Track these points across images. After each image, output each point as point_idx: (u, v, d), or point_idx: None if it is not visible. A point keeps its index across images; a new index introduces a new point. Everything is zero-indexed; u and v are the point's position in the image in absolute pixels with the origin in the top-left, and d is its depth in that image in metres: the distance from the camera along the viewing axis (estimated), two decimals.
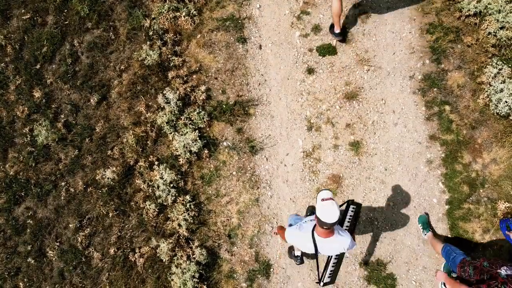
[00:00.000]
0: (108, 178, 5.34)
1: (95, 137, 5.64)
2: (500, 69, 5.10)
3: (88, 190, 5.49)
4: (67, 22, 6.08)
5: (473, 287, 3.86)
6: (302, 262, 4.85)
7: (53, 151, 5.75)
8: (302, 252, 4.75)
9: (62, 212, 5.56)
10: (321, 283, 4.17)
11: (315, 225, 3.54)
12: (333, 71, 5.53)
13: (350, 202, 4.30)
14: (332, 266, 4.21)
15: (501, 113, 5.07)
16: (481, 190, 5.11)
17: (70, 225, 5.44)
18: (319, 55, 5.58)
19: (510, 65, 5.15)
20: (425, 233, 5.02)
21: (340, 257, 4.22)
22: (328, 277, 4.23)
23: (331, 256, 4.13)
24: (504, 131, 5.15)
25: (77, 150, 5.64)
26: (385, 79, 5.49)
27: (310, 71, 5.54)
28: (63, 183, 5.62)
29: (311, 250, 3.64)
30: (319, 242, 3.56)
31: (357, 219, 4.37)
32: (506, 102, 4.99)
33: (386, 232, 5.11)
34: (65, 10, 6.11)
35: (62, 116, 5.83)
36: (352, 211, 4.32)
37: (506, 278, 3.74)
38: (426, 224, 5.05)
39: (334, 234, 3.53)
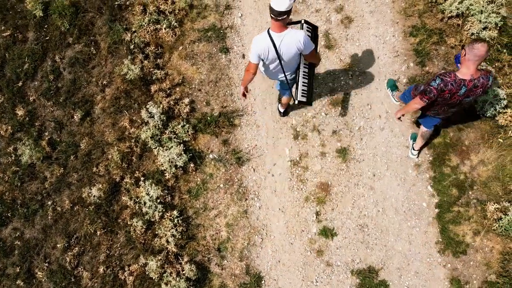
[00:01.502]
0: (94, 196, 5.27)
1: (80, 154, 5.57)
2: None
3: (75, 208, 5.42)
4: (48, 37, 6.00)
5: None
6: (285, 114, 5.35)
7: (38, 170, 5.67)
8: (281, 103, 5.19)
9: (49, 232, 5.49)
10: (296, 101, 4.28)
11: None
12: (317, 78, 5.48)
13: (304, 21, 4.24)
14: (303, 83, 4.28)
15: (487, 114, 5.05)
16: (470, 192, 5.08)
17: (58, 245, 5.36)
18: None
19: (493, 66, 5.12)
20: (394, 94, 5.26)
21: (310, 74, 4.31)
22: (302, 95, 4.30)
23: (299, 73, 4.24)
24: (491, 132, 5.13)
25: (62, 168, 5.57)
26: (370, 83, 5.45)
27: None
28: (49, 202, 5.54)
29: (272, 52, 3.85)
30: (275, 38, 3.79)
31: (316, 40, 4.33)
32: (491, 103, 4.96)
33: (377, 239, 5.08)
34: (45, 26, 6.03)
35: (46, 133, 5.75)
36: (308, 30, 4.27)
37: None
38: (394, 86, 5.23)
39: (287, 28, 3.79)
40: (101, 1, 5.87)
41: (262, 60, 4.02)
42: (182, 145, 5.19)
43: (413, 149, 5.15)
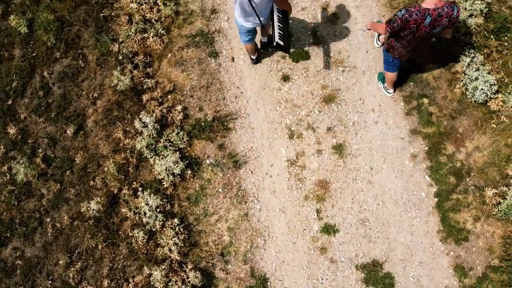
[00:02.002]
0: (93, 210, 5.24)
1: (76, 168, 5.53)
2: (472, 57, 5.11)
3: (75, 223, 5.39)
4: (34, 54, 5.95)
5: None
6: (257, 61, 5.49)
7: (35, 187, 5.62)
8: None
9: (50, 249, 5.44)
10: (274, 43, 4.43)
11: None
12: (308, 76, 5.49)
13: None
14: (279, 27, 4.41)
15: (478, 100, 5.08)
16: (468, 179, 5.12)
17: (60, 261, 5.32)
18: (293, 61, 5.54)
19: (482, 53, 5.16)
20: (385, 85, 5.31)
21: (284, 20, 4.44)
22: (279, 38, 4.43)
23: (274, 18, 4.40)
24: (484, 118, 5.17)
25: (59, 184, 5.53)
26: (361, 78, 5.47)
27: (286, 78, 5.50)
28: (48, 219, 5.50)
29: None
30: None
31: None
32: (482, 89, 5.00)
33: (379, 232, 5.09)
34: (31, 42, 5.99)
35: (40, 150, 5.71)
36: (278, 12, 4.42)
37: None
38: (384, 79, 5.23)
39: None
40: (86, 13, 5.83)
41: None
42: (178, 152, 5.17)
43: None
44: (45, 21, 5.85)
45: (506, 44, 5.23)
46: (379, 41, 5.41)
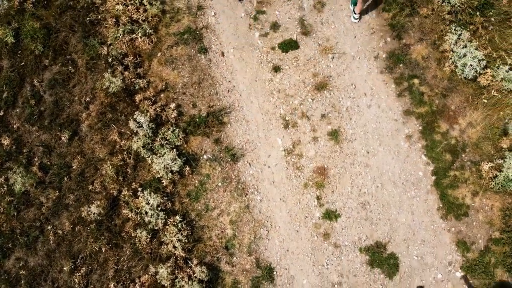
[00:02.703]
0: (94, 214, 5.23)
1: (74, 174, 5.51)
2: (459, 35, 5.17)
3: (76, 229, 5.36)
4: (23, 63, 5.92)
5: None
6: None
7: (33, 196, 5.59)
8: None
9: (54, 256, 5.42)
10: None
11: None
12: (298, 65, 5.52)
13: None
14: None
15: (468, 77, 5.14)
16: (463, 155, 5.18)
17: (65, 268, 5.30)
18: (282, 52, 5.56)
19: (468, 29, 5.22)
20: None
21: None
22: None
23: None
24: (475, 94, 5.23)
25: (57, 191, 5.50)
26: (351, 63, 5.51)
27: (276, 69, 5.52)
28: (49, 227, 5.47)
29: None
30: None
31: None
32: (471, 65, 5.06)
33: (380, 214, 5.14)
34: (19, 52, 5.95)
35: (36, 159, 5.68)
36: None
37: None
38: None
39: None
40: (72, 19, 5.81)
41: None
42: (175, 150, 5.18)
43: (355, 14, 5.42)
44: (31, 29, 5.82)
45: (491, 19, 5.30)
46: (355, 13, 5.49)
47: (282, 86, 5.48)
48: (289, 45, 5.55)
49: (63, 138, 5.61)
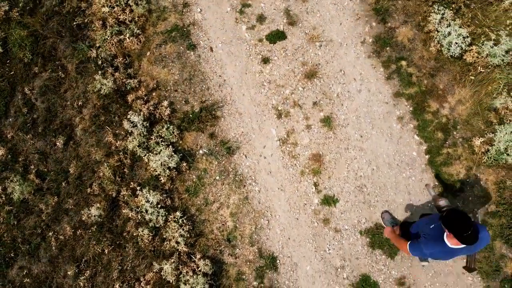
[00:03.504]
0: (94, 216, 5.25)
1: (71, 178, 5.53)
2: (443, 14, 5.25)
3: (78, 233, 5.38)
4: (12, 72, 5.93)
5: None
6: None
7: (32, 204, 5.60)
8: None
9: (57, 262, 5.43)
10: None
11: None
12: (287, 55, 5.58)
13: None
14: None
15: (454, 55, 5.22)
16: (455, 132, 5.26)
17: (69, 272, 5.32)
18: (270, 43, 5.62)
19: (451, 8, 5.30)
20: None
21: None
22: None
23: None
24: (462, 71, 5.31)
25: (56, 197, 5.52)
26: (339, 50, 5.57)
27: (266, 60, 5.57)
28: (50, 233, 5.49)
29: None
30: None
31: None
32: (456, 43, 5.14)
33: (377, 196, 5.20)
34: (8, 61, 5.96)
35: (32, 166, 5.69)
36: None
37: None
38: None
39: None
40: (59, 24, 5.83)
41: None
42: (170, 146, 5.21)
43: None
44: (18, 38, 5.83)
45: None
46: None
47: (273, 77, 5.54)
48: (276, 36, 5.60)
49: (58, 143, 5.63)
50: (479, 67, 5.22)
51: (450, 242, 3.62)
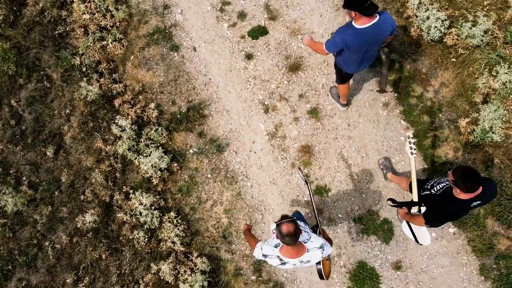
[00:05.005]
0: (89, 222, 5.27)
1: (64, 187, 5.54)
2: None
3: (74, 240, 5.40)
4: None
5: None
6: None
7: (26, 215, 5.62)
8: None
9: (55, 271, 5.46)
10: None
11: None
12: (270, 50, 5.62)
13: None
14: None
15: (434, 38, 5.28)
16: (440, 115, 5.32)
17: (68, 280, 5.34)
18: (253, 39, 5.65)
19: None
20: None
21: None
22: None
23: None
24: (443, 54, 5.37)
25: (50, 206, 5.54)
26: (320, 41, 5.61)
27: (249, 56, 5.61)
28: (47, 243, 5.50)
29: None
30: None
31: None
32: (435, 27, 5.19)
33: (368, 183, 5.26)
34: None
35: (24, 178, 5.70)
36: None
37: None
38: None
39: None
40: (41, 34, 5.83)
41: None
42: (160, 148, 5.24)
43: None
44: (1, 50, 5.83)
45: None
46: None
47: (257, 73, 5.58)
48: (258, 32, 5.64)
49: (48, 153, 5.64)
50: (460, 49, 5.28)
51: (357, 23, 3.99)
